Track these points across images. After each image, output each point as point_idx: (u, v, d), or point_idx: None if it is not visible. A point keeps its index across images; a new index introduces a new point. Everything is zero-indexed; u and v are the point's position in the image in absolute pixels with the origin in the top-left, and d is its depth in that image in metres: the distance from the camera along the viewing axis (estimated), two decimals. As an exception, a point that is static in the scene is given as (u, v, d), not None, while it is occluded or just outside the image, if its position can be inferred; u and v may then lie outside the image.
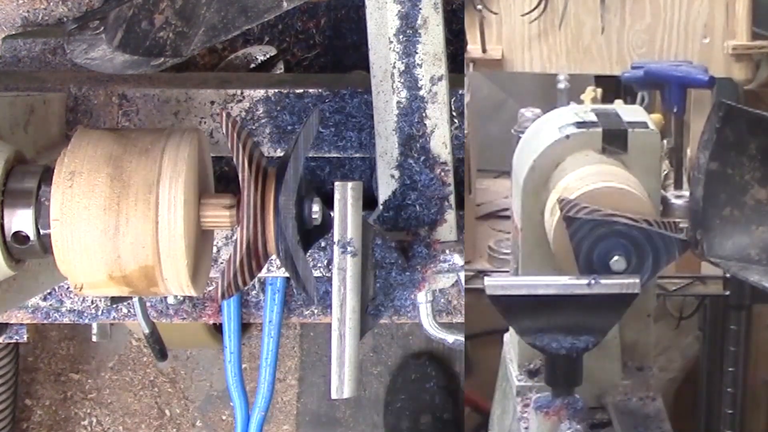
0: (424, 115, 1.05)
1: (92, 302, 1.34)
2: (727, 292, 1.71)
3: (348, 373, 0.91)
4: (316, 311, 1.39)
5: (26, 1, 1.50)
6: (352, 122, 1.22)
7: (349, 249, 0.92)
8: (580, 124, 1.37)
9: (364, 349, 2.34)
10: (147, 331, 1.42)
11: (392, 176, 1.04)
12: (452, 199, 1.06)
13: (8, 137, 1.01)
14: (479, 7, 1.93)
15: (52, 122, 1.17)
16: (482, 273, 1.55)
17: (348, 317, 0.92)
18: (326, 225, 0.93)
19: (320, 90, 1.22)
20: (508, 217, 1.66)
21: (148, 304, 1.36)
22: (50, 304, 1.32)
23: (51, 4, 1.50)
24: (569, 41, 2.01)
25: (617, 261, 1.20)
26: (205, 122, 1.22)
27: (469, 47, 1.96)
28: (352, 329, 0.92)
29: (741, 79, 1.94)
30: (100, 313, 1.35)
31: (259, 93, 1.22)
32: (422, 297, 1.14)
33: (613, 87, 2.08)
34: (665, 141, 1.78)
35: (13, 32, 1.50)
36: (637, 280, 1.19)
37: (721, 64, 1.95)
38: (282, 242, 0.89)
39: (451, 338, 1.23)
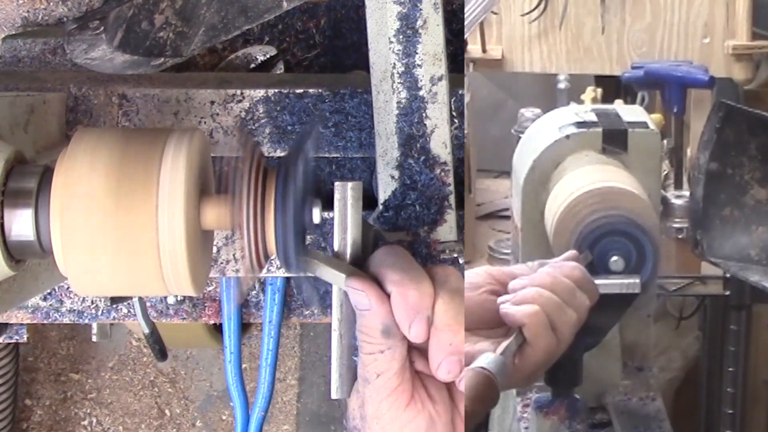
0: (424, 115, 1.05)
1: (92, 302, 1.34)
2: (727, 292, 1.71)
3: (348, 373, 0.91)
4: (316, 311, 1.39)
5: (26, 1, 1.50)
6: (352, 122, 1.22)
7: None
8: (580, 124, 1.37)
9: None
10: (147, 331, 1.42)
11: (392, 176, 1.04)
12: (452, 199, 1.06)
13: (8, 137, 1.01)
14: (479, 7, 1.93)
15: (52, 122, 1.17)
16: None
17: (348, 317, 0.92)
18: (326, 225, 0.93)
19: (320, 90, 1.22)
20: (508, 217, 1.66)
21: (148, 304, 1.36)
22: (50, 304, 1.32)
23: (51, 4, 1.50)
24: (569, 41, 2.01)
25: (616, 261, 1.20)
26: (205, 122, 1.22)
27: (469, 47, 1.97)
28: (353, 329, 0.92)
29: (741, 79, 1.94)
30: (100, 313, 1.35)
31: (259, 93, 1.22)
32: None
33: (613, 87, 2.08)
34: (665, 141, 1.78)
35: (13, 32, 1.50)
36: (637, 280, 1.19)
37: (721, 64, 1.95)
38: (282, 242, 0.89)
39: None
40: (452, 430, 0.89)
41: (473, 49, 1.99)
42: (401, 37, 1.05)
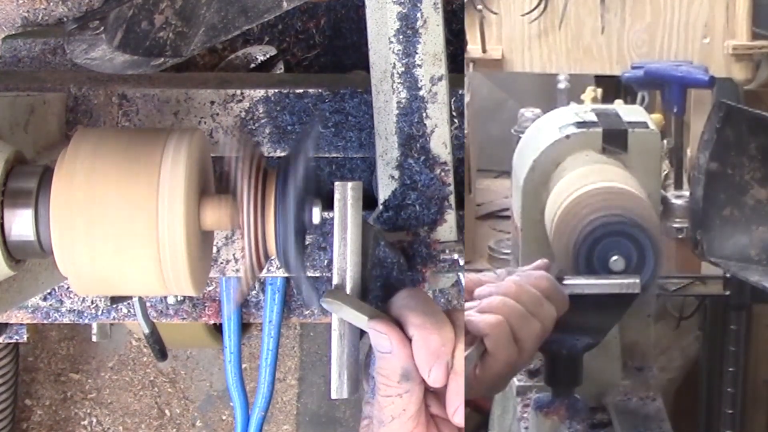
0: (424, 115, 1.05)
1: (92, 302, 1.34)
2: (727, 292, 1.70)
3: (348, 373, 0.91)
4: (316, 311, 1.39)
5: (26, 1, 1.50)
6: (352, 122, 1.22)
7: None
8: (580, 124, 1.37)
9: (365, 349, 2.34)
10: (147, 331, 1.42)
11: (392, 176, 1.04)
12: (452, 199, 1.06)
13: (8, 137, 1.01)
14: (479, 7, 1.94)
15: (52, 122, 1.17)
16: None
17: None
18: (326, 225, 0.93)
19: (320, 90, 1.23)
20: (508, 217, 1.66)
21: (148, 304, 1.36)
22: (50, 304, 1.32)
23: (51, 4, 1.50)
24: (569, 41, 2.01)
25: (617, 261, 1.20)
26: (204, 122, 1.22)
27: (469, 47, 1.97)
28: (353, 329, 0.92)
29: (741, 79, 1.94)
30: (100, 313, 1.35)
31: (259, 93, 1.22)
32: (422, 297, 1.14)
33: (613, 87, 2.08)
34: (665, 141, 1.78)
35: (13, 32, 1.50)
36: (637, 280, 1.19)
37: (721, 64, 1.95)
38: (282, 243, 0.89)
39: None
40: None
41: (473, 49, 1.98)
42: (401, 37, 1.05)
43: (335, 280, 0.92)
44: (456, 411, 0.86)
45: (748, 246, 1.49)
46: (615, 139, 1.37)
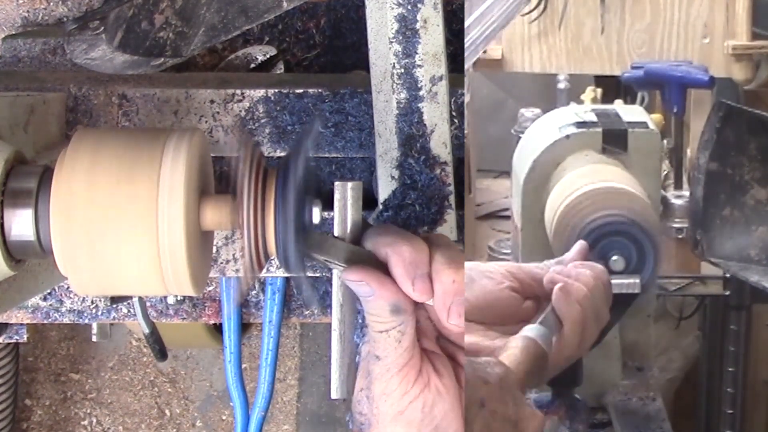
0: (424, 115, 1.05)
1: (92, 302, 1.34)
2: (727, 292, 1.71)
3: (348, 373, 0.91)
4: (316, 311, 1.39)
5: (26, 1, 1.50)
6: (352, 122, 1.22)
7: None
8: (580, 124, 1.38)
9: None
10: (147, 331, 1.42)
11: (392, 176, 1.04)
12: (452, 199, 1.06)
13: (8, 137, 1.01)
14: (479, 7, 1.94)
15: (52, 122, 1.17)
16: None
17: (348, 317, 0.92)
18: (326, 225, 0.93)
19: (320, 90, 1.22)
20: (508, 217, 1.67)
21: (148, 304, 1.36)
22: (50, 304, 1.32)
23: (51, 4, 1.50)
24: (569, 41, 2.01)
25: (617, 261, 1.20)
26: (205, 122, 1.22)
27: (469, 47, 1.97)
28: (352, 329, 0.92)
29: (741, 79, 1.94)
30: (100, 313, 1.35)
31: (259, 93, 1.22)
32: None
33: (613, 87, 2.08)
34: (665, 141, 1.78)
35: (13, 32, 1.50)
36: (637, 280, 1.19)
37: (721, 64, 1.95)
38: (282, 243, 0.89)
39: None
40: (459, 402, 0.90)
41: (473, 49, 1.98)
42: (401, 37, 1.05)
43: (335, 280, 0.92)
44: (450, 311, 0.87)
45: (748, 246, 1.49)
46: (615, 139, 1.37)
